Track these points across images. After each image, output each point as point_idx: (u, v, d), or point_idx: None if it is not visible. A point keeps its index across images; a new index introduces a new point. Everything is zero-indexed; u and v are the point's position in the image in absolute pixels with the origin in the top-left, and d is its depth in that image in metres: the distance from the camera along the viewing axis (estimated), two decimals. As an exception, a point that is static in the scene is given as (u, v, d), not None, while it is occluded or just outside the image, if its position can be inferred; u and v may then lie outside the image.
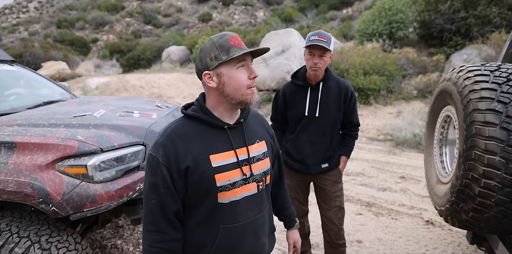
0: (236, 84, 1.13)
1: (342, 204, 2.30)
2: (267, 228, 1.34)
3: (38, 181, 1.79)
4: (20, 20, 38.21)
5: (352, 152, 2.35)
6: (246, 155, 1.20)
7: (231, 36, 1.12)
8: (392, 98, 8.17)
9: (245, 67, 1.15)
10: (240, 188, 1.18)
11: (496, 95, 1.38)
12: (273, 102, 2.31)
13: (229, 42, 1.11)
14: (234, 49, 1.10)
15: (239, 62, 1.13)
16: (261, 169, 1.24)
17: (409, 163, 5.13)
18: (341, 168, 2.29)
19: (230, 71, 1.12)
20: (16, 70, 3.21)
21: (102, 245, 2.90)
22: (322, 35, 1.93)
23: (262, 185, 1.25)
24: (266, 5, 32.80)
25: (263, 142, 1.29)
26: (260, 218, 1.26)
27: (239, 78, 1.13)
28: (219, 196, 1.14)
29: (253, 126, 1.28)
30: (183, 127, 1.17)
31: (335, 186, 2.26)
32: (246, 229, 1.21)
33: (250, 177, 1.19)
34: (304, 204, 2.41)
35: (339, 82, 2.16)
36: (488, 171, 1.34)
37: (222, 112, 1.18)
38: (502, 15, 9.01)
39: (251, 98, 1.17)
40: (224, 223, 1.17)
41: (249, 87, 1.15)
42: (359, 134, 2.50)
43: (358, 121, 2.28)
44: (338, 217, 2.27)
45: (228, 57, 1.09)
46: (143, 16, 33.07)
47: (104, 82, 12.49)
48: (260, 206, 1.26)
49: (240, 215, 1.19)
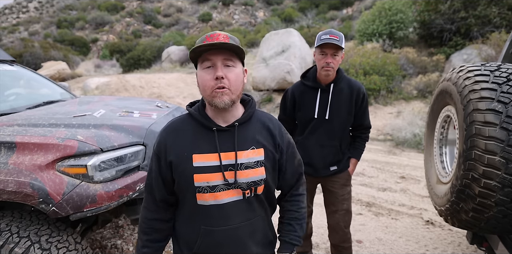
0: (201, 85, 1.11)
1: (350, 207, 2.25)
2: (260, 238, 1.25)
3: (38, 181, 1.79)
4: (20, 20, 38.20)
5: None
6: (232, 160, 1.13)
7: (208, 35, 1.09)
8: (392, 98, 8.17)
9: (213, 67, 1.09)
10: (222, 192, 1.13)
11: (496, 95, 1.38)
12: (281, 102, 2.25)
13: (202, 41, 1.08)
14: (201, 45, 1.06)
15: (203, 62, 1.09)
16: (249, 177, 1.15)
17: (409, 163, 5.13)
18: (351, 170, 2.23)
19: (199, 71, 1.12)
20: (16, 70, 3.21)
21: (102, 245, 2.90)
22: (333, 34, 1.87)
23: (250, 193, 1.17)
24: (266, 5, 32.79)
25: (261, 149, 1.18)
26: (247, 226, 1.19)
27: (203, 79, 1.10)
28: (197, 197, 1.14)
29: (253, 131, 1.19)
30: (180, 122, 1.21)
31: (343, 189, 2.21)
32: (229, 235, 1.17)
33: (233, 183, 1.13)
34: (309, 206, 2.37)
35: (350, 83, 2.08)
36: (488, 171, 1.34)
37: (213, 113, 1.17)
38: (502, 15, 9.01)
39: (217, 100, 1.08)
40: (205, 225, 1.16)
41: (213, 89, 1.08)
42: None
43: (370, 124, 2.22)
44: (345, 220, 2.22)
45: (190, 51, 1.07)
46: (143, 16, 33.06)
47: (104, 82, 12.49)
48: (247, 214, 1.19)
49: (222, 220, 1.15)
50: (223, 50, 1.08)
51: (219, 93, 1.08)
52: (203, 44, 1.04)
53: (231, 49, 1.08)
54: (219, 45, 1.05)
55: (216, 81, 1.07)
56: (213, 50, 1.07)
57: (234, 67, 1.11)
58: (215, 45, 1.05)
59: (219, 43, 1.04)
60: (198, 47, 1.05)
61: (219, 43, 1.04)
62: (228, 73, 1.09)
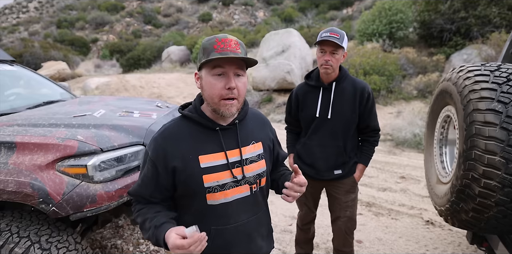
0: (209, 92, 1.10)
1: (354, 215, 2.17)
2: (264, 231, 1.31)
3: (38, 181, 1.79)
4: (20, 20, 38.20)
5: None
6: (238, 156, 1.17)
7: (218, 40, 1.07)
8: (392, 98, 8.17)
9: (224, 76, 1.08)
10: (231, 190, 1.16)
11: (496, 95, 1.38)
12: (287, 104, 2.23)
13: (213, 46, 1.06)
14: (214, 53, 1.05)
15: (214, 68, 1.07)
16: (255, 171, 1.21)
17: (409, 163, 5.13)
18: (357, 177, 2.13)
19: (206, 76, 1.10)
20: (16, 70, 3.21)
21: (102, 245, 2.90)
22: (334, 32, 1.85)
23: (256, 187, 1.22)
24: (266, 5, 32.81)
25: (259, 143, 1.25)
26: (254, 220, 1.24)
27: (212, 86, 1.08)
28: (207, 197, 1.14)
29: (250, 127, 1.25)
30: (177, 126, 1.18)
31: (347, 196, 2.12)
32: (239, 231, 1.20)
33: (242, 179, 1.17)
34: (313, 211, 2.32)
35: (355, 82, 2.03)
36: (488, 171, 1.34)
37: (212, 114, 1.16)
38: (502, 15, 9.01)
39: (225, 110, 1.09)
40: (216, 225, 1.17)
41: (222, 98, 1.08)
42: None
43: (378, 126, 2.12)
44: (347, 227, 2.17)
45: (204, 61, 1.05)
46: (143, 16, 33.08)
47: (104, 82, 12.49)
48: (254, 209, 1.24)
49: (232, 217, 1.18)
50: (237, 59, 1.07)
51: (228, 105, 1.09)
52: (226, 56, 1.03)
53: (244, 60, 1.09)
54: (238, 58, 1.06)
55: (227, 91, 1.07)
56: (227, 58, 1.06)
57: (243, 76, 1.12)
58: (234, 58, 1.05)
59: (241, 58, 1.05)
60: (217, 59, 1.03)
61: (240, 57, 1.05)
62: (238, 83, 1.09)
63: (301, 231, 2.42)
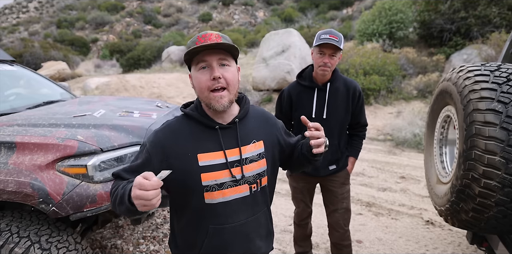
0: (198, 87, 1.11)
1: (349, 206, 2.27)
2: (263, 232, 1.29)
3: (38, 181, 1.79)
4: (20, 20, 38.21)
5: (352, 152, 2.32)
6: (237, 156, 1.16)
7: (200, 36, 1.07)
8: (392, 98, 8.17)
9: (208, 68, 1.08)
10: (229, 189, 1.15)
11: (496, 95, 1.38)
12: (277, 103, 2.25)
13: (195, 43, 1.06)
14: (194, 47, 1.05)
15: (198, 63, 1.08)
16: (254, 170, 1.19)
17: (409, 163, 5.13)
18: (349, 169, 2.25)
19: (194, 73, 1.11)
20: (16, 70, 3.21)
21: (102, 245, 2.90)
22: (333, 34, 1.88)
23: (256, 187, 1.21)
24: (266, 5, 32.81)
25: (261, 142, 1.23)
26: (253, 220, 1.23)
27: (199, 80, 1.09)
28: (205, 196, 1.14)
29: (251, 125, 1.24)
30: (178, 123, 1.19)
31: (342, 188, 2.22)
32: (237, 231, 1.19)
33: (241, 178, 1.16)
34: (309, 206, 2.39)
35: (346, 82, 2.09)
36: (488, 171, 1.33)
37: (211, 112, 1.16)
38: (502, 15, 9.01)
39: (215, 103, 1.09)
40: (213, 224, 1.17)
41: (210, 90, 1.08)
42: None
43: (366, 122, 2.24)
44: (345, 218, 2.25)
45: (184, 54, 1.06)
46: (143, 16, 33.08)
47: (104, 82, 12.49)
48: (253, 209, 1.22)
49: (230, 217, 1.17)
50: (218, 50, 1.07)
51: (217, 97, 1.08)
52: (199, 45, 1.03)
53: (226, 48, 1.08)
54: (214, 45, 1.04)
55: (213, 81, 1.07)
56: (207, 51, 1.06)
57: (230, 66, 1.11)
58: (210, 45, 1.04)
59: (214, 44, 1.04)
60: (193, 49, 1.04)
61: (215, 43, 1.04)
62: (225, 73, 1.09)
63: (299, 227, 2.47)
